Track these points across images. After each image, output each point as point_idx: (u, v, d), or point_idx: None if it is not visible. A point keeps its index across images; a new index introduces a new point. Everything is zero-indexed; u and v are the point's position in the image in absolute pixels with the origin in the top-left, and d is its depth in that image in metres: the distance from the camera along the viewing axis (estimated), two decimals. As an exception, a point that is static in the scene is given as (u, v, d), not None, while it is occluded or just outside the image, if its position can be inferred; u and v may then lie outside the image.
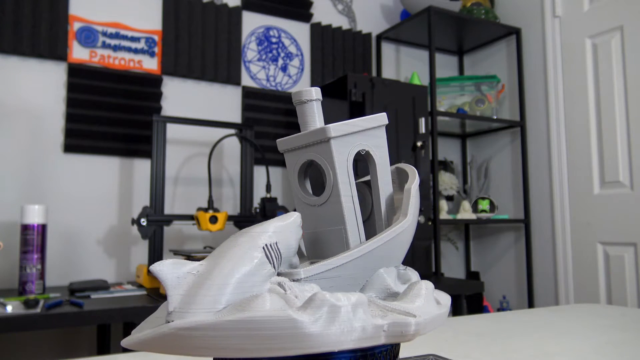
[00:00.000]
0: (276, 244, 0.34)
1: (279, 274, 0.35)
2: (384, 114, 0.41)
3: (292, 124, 2.29)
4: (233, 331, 0.29)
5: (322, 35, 2.45)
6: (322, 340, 0.30)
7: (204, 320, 0.29)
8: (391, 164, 0.42)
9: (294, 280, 0.35)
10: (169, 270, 0.31)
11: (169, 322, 0.30)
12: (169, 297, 0.31)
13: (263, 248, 0.33)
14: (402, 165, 0.45)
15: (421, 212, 1.95)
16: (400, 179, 0.45)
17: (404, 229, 0.39)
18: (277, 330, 0.29)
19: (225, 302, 0.31)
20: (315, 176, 0.42)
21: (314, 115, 0.39)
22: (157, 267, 0.31)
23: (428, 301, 0.37)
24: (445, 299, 0.40)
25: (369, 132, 0.40)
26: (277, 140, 0.41)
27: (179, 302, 0.31)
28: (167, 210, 2.02)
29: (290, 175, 0.40)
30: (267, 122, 2.24)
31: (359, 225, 0.39)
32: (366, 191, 0.43)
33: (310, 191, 0.41)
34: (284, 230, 0.35)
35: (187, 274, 0.31)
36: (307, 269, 0.35)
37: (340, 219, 0.38)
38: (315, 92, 0.39)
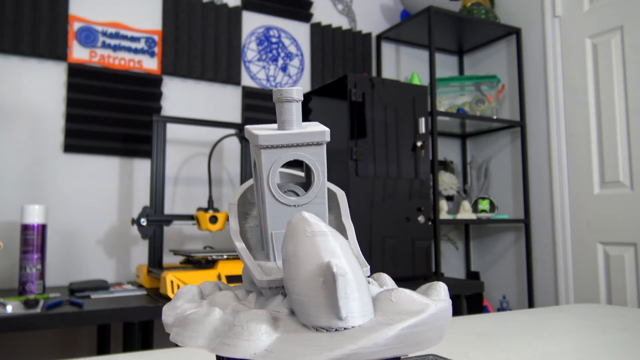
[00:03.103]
0: None
1: None
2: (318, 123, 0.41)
3: (292, 124, 2.29)
4: (433, 322, 0.32)
5: (322, 35, 2.45)
6: (448, 326, 0.34)
7: (418, 318, 0.31)
8: (392, 164, 0.43)
9: None
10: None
11: (345, 328, 0.30)
12: (340, 301, 0.29)
13: None
14: None
15: (421, 212, 1.95)
16: None
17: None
18: (443, 321, 0.32)
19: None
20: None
21: (293, 115, 0.39)
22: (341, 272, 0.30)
23: None
24: None
25: None
26: (260, 135, 0.39)
27: (347, 306, 0.30)
28: (167, 210, 2.02)
29: (270, 172, 0.39)
30: (267, 122, 2.24)
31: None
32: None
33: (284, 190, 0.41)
34: None
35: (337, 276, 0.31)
36: (365, 269, 0.37)
37: (322, 220, 0.39)
38: (297, 93, 0.39)
